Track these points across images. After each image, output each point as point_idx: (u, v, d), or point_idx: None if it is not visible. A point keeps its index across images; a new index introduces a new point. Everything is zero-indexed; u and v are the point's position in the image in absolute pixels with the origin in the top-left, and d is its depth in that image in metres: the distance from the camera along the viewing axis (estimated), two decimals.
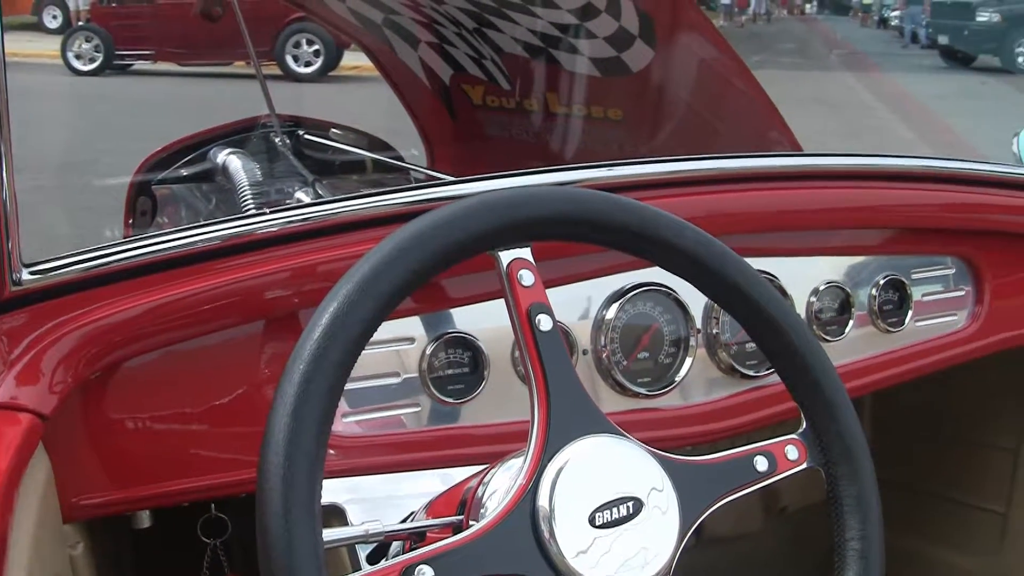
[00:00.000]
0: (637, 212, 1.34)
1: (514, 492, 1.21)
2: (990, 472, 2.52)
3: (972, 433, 2.55)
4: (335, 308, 1.16)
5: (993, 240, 2.20)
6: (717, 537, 2.56)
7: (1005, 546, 2.50)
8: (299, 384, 1.12)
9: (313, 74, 12.53)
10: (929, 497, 2.64)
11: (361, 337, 1.16)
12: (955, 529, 2.60)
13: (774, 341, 1.39)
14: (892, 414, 2.68)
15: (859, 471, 1.38)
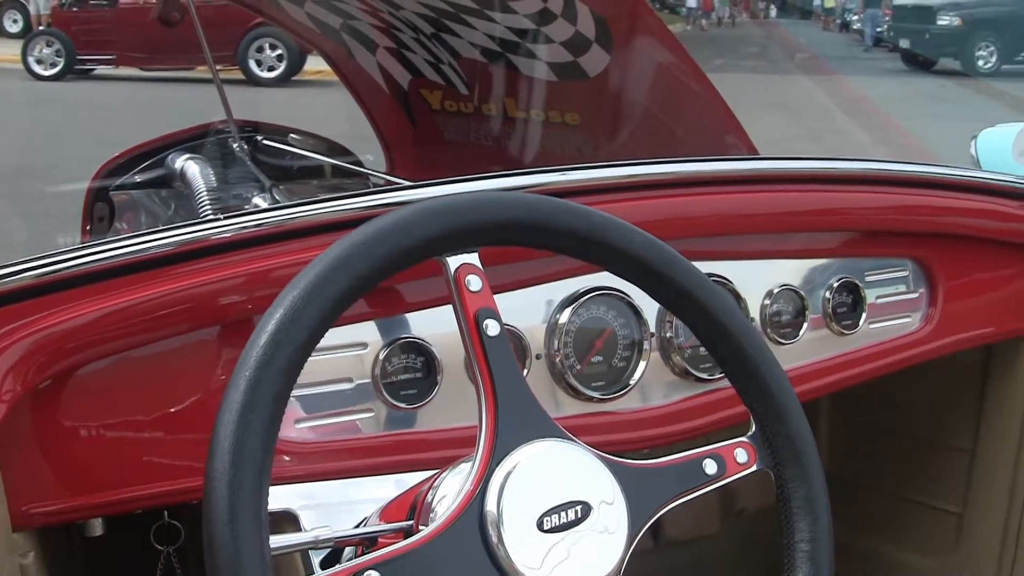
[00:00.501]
0: (585, 217, 1.35)
1: (462, 497, 1.21)
2: (946, 472, 2.54)
3: (928, 434, 2.56)
4: (281, 315, 1.16)
5: (947, 243, 2.22)
6: (674, 539, 2.58)
7: (961, 546, 2.52)
8: (245, 391, 1.11)
9: (276, 79, 12.53)
10: (886, 497, 2.66)
11: (307, 343, 1.16)
12: (912, 529, 2.62)
13: (723, 345, 1.40)
14: (849, 416, 2.70)
15: (808, 473, 1.38)
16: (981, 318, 2.28)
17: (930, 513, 2.57)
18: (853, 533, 2.72)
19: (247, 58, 12.35)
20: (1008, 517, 2.43)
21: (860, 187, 2.15)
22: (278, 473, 1.52)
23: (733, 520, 2.66)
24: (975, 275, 2.27)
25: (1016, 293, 2.32)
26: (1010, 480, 2.41)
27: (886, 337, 2.14)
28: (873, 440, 2.67)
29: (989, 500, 2.45)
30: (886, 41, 18.28)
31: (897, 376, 2.20)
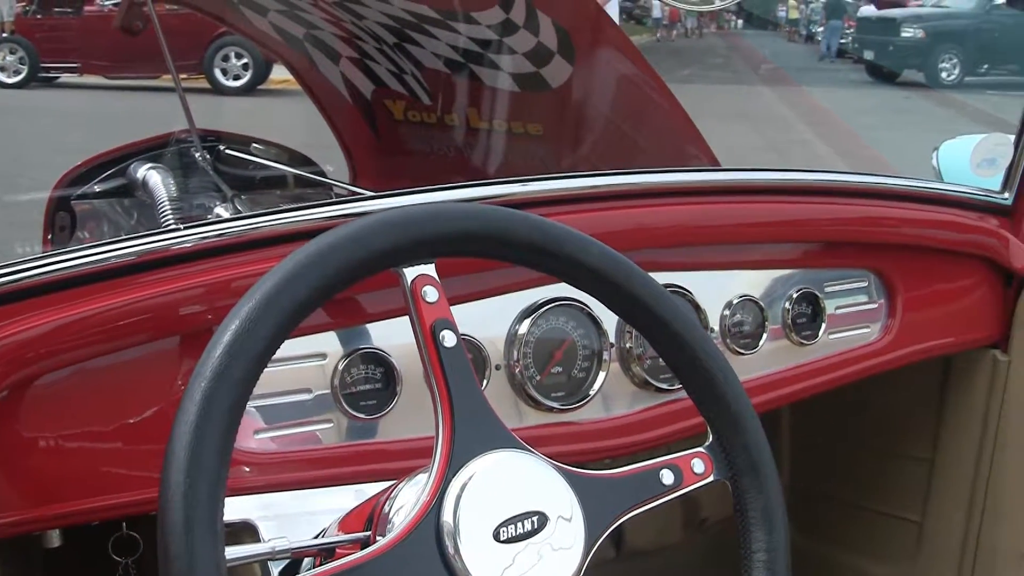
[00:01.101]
0: (541, 228, 1.35)
1: (418, 508, 1.22)
2: (906, 481, 2.55)
3: (888, 443, 2.58)
4: (237, 326, 1.16)
5: (906, 254, 2.24)
6: (637, 550, 2.58)
7: (921, 554, 2.54)
8: (200, 402, 1.11)
9: (242, 88, 12.49)
10: (846, 506, 2.68)
11: (264, 354, 1.16)
12: (872, 537, 2.63)
13: (679, 356, 1.41)
14: (810, 425, 2.71)
15: (765, 483, 1.39)
16: (940, 329, 2.30)
17: (890, 522, 2.59)
18: (814, 541, 2.73)
19: (213, 67, 12.32)
20: (967, 526, 2.45)
21: (820, 198, 2.16)
22: (237, 484, 1.53)
23: (695, 531, 2.67)
24: (934, 286, 2.29)
25: (975, 304, 2.34)
26: (969, 489, 2.43)
27: (845, 347, 2.16)
28: (834, 450, 2.68)
29: (948, 509, 2.47)
30: (849, 53, 18.37)
31: (857, 386, 2.22)
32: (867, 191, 2.23)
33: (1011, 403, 2.36)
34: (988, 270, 2.34)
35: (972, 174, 2.44)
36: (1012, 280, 2.35)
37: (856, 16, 19.10)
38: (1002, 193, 2.37)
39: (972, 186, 2.42)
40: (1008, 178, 2.37)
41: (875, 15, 18.50)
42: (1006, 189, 2.37)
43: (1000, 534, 2.41)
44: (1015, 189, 2.36)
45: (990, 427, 2.39)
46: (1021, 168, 2.35)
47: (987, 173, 2.39)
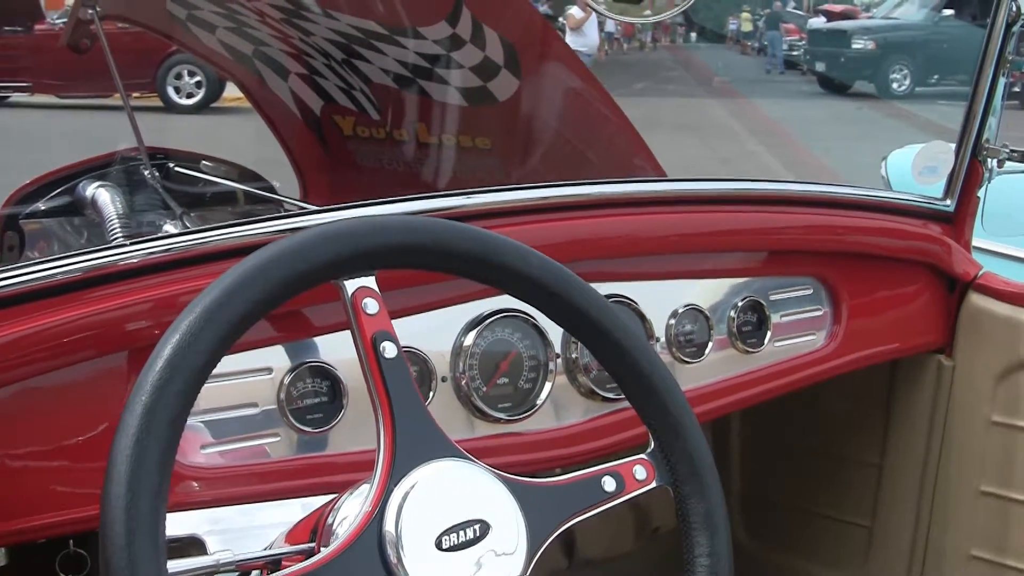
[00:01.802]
0: (480, 240, 1.36)
1: (361, 518, 1.22)
2: (856, 487, 2.58)
3: (837, 449, 2.61)
4: (177, 339, 1.16)
5: (850, 261, 2.26)
6: (590, 559, 2.59)
7: (870, 558, 2.57)
8: (141, 415, 1.12)
9: (195, 105, 12.43)
10: (797, 512, 2.70)
11: (204, 367, 1.17)
12: (823, 543, 2.66)
13: (620, 365, 1.42)
14: (759, 432, 2.74)
15: (706, 489, 1.40)
16: (885, 335, 2.33)
17: (840, 526, 2.61)
18: (765, 548, 2.75)
19: (165, 85, 12.25)
20: (915, 529, 2.47)
21: (764, 207, 2.18)
22: (185, 499, 1.53)
23: (647, 539, 2.69)
24: (878, 293, 2.31)
25: (920, 310, 2.37)
26: (916, 493, 2.46)
27: (791, 355, 2.18)
28: (784, 456, 2.71)
29: (897, 513, 2.50)
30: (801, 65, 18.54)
31: (806, 393, 2.24)
32: (811, 200, 2.26)
33: (956, 407, 2.39)
34: (931, 276, 2.37)
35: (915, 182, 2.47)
36: (955, 286, 2.38)
37: (805, 28, 19.25)
38: (944, 200, 2.40)
39: (915, 194, 2.45)
40: (949, 185, 2.40)
41: (826, 27, 18.67)
42: (948, 196, 2.40)
43: (948, 537, 2.43)
44: (956, 196, 2.40)
45: (936, 431, 2.42)
46: (962, 176, 2.38)
47: (929, 181, 2.41)
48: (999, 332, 2.31)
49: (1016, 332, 2.29)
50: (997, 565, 2.37)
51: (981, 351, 2.34)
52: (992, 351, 2.33)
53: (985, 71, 2.32)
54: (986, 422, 2.35)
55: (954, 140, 2.39)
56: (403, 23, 2.63)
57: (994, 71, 2.32)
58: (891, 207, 2.36)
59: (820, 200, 2.26)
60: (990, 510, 2.37)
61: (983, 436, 2.35)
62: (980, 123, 2.34)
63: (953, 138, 2.39)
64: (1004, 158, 2.38)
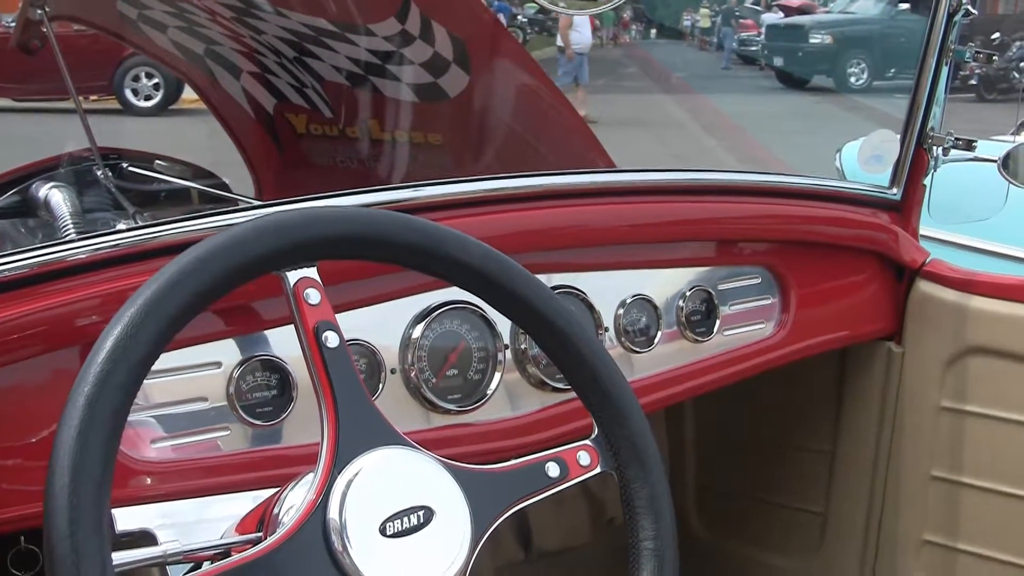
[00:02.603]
0: (420, 230, 1.37)
1: (305, 506, 1.23)
2: (808, 474, 2.60)
3: (789, 437, 2.63)
4: (118, 332, 1.17)
5: (798, 250, 2.28)
6: (545, 551, 2.61)
7: (824, 545, 2.59)
8: (83, 407, 1.12)
9: (154, 108, 12.40)
10: (751, 501, 2.72)
11: (146, 359, 1.17)
12: (777, 531, 2.68)
13: (563, 352, 1.44)
14: (713, 422, 2.76)
15: (649, 473, 1.42)
16: (835, 323, 2.35)
17: (794, 514, 2.63)
18: (720, 536, 2.78)
19: (123, 87, 12.22)
20: (868, 515, 2.50)
21: (713, 197, 2.20)
22: (136, 493, 1.53)
23: (604, 529, 2.70)
24: (827, 281, 2.34)
25: (869, 298, 2.40)
26: (869, 479, 2.48)
27: (741, 344, 2.19)
28: (737, 446, 2.73)
29: (849, 500, 2.52)
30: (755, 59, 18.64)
31: (758, 383, 2.26)
32: (759, 189, 2.28)
33: (906, 394, 2.42)
34: (880, 264, 2.39)
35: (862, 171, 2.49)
36: (903, 273, 2.40)
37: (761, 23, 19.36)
38: (891, 189, 2.43)
39: (863, 182, 2.47)
40: (896, 174, 2.42)
41: (783, 22, 18.80)
42: (894, 185, 2.43)
43: (900, 522, 2.46)
44: (903, 185, 2.42)
45: (887, 418, 2.45)
46: (908, 164, 2.41)
47: (875, 169, 2.44)
48: (947, 318, 2.34)
49: (964, 318, 2.31)
50: (949, 549, 2.40)
51: (930, 337, 2.37)
52: (940, 337, 2.35)
53: (928, 61, 2.34)
54: (936, 408, 2.37)
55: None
56: (353, 20, 2.64)
57: (937, 61, 2.34)
58: (839, 196, 2.38)
59: (768, 190, 2.28)
60: (941, 495, 2.39)
61: (933, 422, 2.38)
62: (924, 112, 2.37)
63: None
64: (949, 146, 2.40)
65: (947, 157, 2.42)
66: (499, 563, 2.55)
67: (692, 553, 2.79)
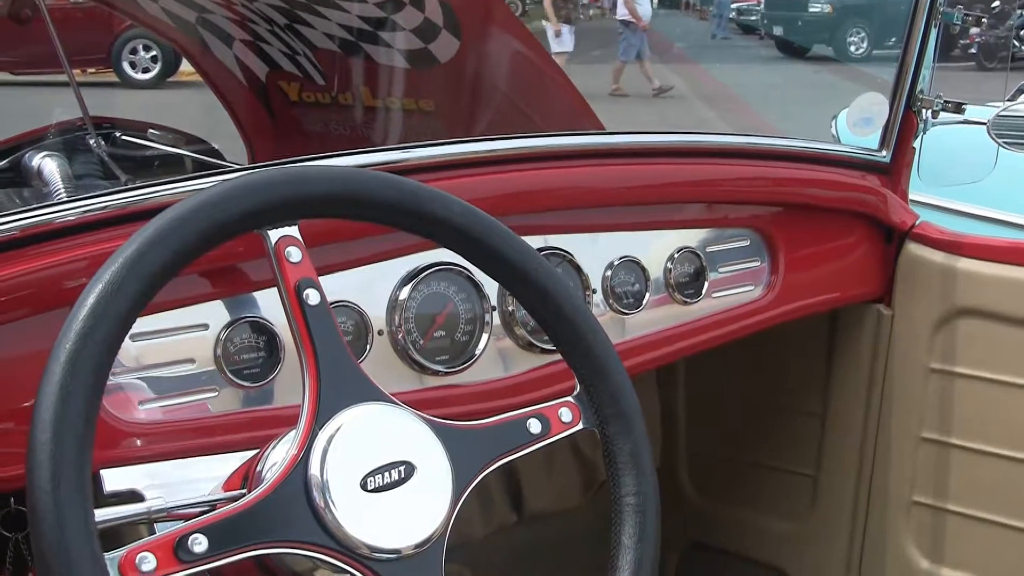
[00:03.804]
0: (401, 188, 1.38)
1: (287, 462, 1.24)
2: (800, 438, 2.62)
3: (780, 401, 2.64)
4: (100, 289, 1.17)
5: (787, 213, 2.29)
6: (537, 514, 2.62)
7: (817, 507, 2.61)
8: (65, 363, 1.13)
9: (151, 80, 12.36)
10: (743, 464, 2.73)
11: (127, 316, 1.18)
12: (769, 494, 2.69)
13: (543, 308, 1.44)
14: (704, 387, 2.77)
15: (631, 429, 1.42)
16: (824, 285, 2.36)
17: (785, 477, 2.65)
18: (712, 500, 2.79)
19: (121, 60, 12.19)
20: (859, 477, 2.51)
21: (701, 160, 2.20)
22: (124, 454, 1.54)
23: (594, 493, 2.72)
24: (816, 243, 2.34)
25: (857, 260, 2.40)
26: (859, 441, 2.50)
27: (729, 306, 2.20)
28: (728, 410, 2.74)
29: (841, 462, 2.54)
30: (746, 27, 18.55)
31: (748, 346, 2.27)
32: (748, 152, 2.28)
33: (895, 356, 2.43)
34: (869, 227, 2.40)
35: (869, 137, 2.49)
36: (892, 236, 2.41)
37: None
38: (880, 151, 2.43)
39: (852, 145, 2.48)
40: (885, 136, 2.43)
41: None
42: (883, 147, 2.43)
43: (890, 483, 2.47)
44: (892, 147, 2.43)
45: (876, 380, 2.46)
46: (896, 126, 2.41)
47: (864, 132, 2.44)
48: (936, 280, 2.35)
49: (952, 280, 2.32)
50: (938, 510, 2.41)
51: (919, 299, 2.38)
52: (929, 299, 2.36)
53: (917, 23, 2.35)
54: (925, 370, 2.38)
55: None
56: None
57: (926, 22, 2.34)
58: (828, 159, 2.39)
59: (757, 152, 2.29)
60: (930, 456, 2.41)
61: (922, 384, 2.39)
62: (914, 74, 2.37)
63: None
64: (938, 109, 2.41)
65: (936, 120, 2.43)
66: (491, 526, 2.56)
67: (684, 516, 2.81)
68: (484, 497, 2.54)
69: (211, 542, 1.15)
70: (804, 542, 2.64)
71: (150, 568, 1.12)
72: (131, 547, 1.12)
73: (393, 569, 1.25)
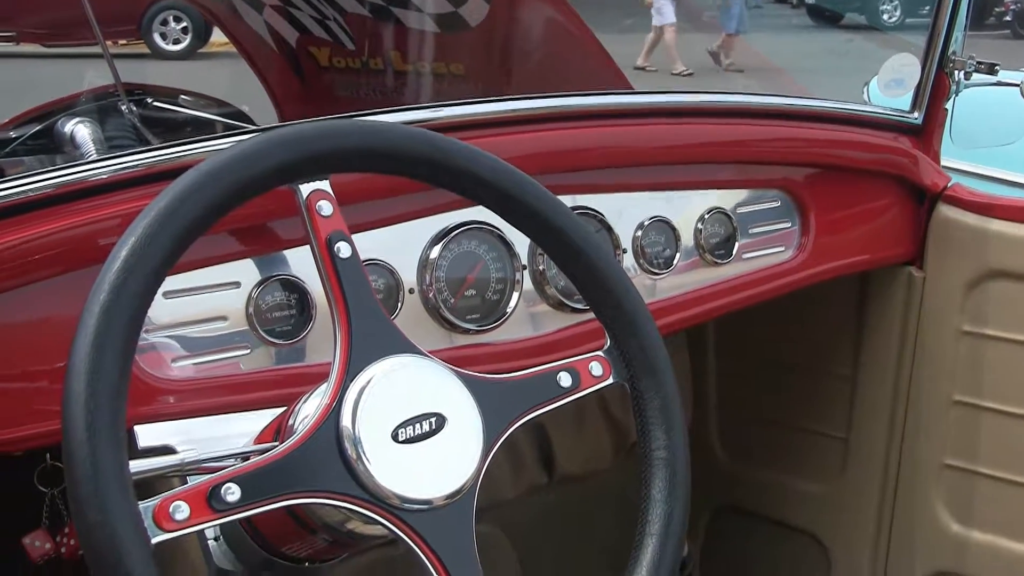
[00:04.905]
0: (432, 142, 1.38)
1: (318, 413, 1.25)
2: (830, 399, 2.61)
3: (811, 363, 2.64)
4: (133, 241, 1.18)
5: (819, 174, 2.28)
6: (568, 475, 2.63)
7: (846, 470, 2.61)
8: (99, 314, 1.14)
9: (182, 51, 12.36)
10: (773, 426, 2.73)
11: (160, 268, 1.19)
12: (799, 456, 2.69)
13: (575, 263, 1.44)
14: (735, 349, 2.77)
15: (662, 384, 1.42)
16: (855, 247, 2.35)
17: (816, 439, 2.65)
18: (742, 463, 2.79)
19: (151, 31, 12.19)
20: (889, 440, 2.51)
21: (733, 120, 2.20)
22: (157, 411, 1.55)
23: (625, 455, 2.72)
24: (848, 205, 2.34)
25: (889, 222, 2.39)
26: (890, 404, 2.49)
27: (760, 267, 2.19)
28: (759, 372, 2.74)
29: (871, 424, 2.54)
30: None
31: (778, 308, 2.26)
32: (780, 112, 2.27)
33: (927, 319, 2.42)
34: (900, 188, 2.39)
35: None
36: (924, 198, 2.40)
37: None
38: (912, 113, 2.42)
39: (884, 106, 2.46)
40: (917, 98, 2.41)
41: None
42: (915, 109, 2.42)
43: (921, 447, 2.47)
44: (924, 109, 2.41)
45: (908, 343, 2.45)
46: (928, 88, 2.39)
47: (895, 93, 2.43)
48: (968, 242, 2.34)
49: (984, 242, 2.31)
50: (969, 473, 2.41)
51: (951, 262, 2.37)
52: (961, 261, 2.35)
53: None
54: (956, 332, 2.38)
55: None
56: None
57: None
58: (860, 120, 2.38)
59: (789, 112, 2.28)
60: (962, 419, 2.40)
61: (954, 346, 2.38)
62: (946, 35, 2.36)
63: None
64: (971, 70, 2.39)
65: (969, 81, 2.41)
66: (522, 487, 2.57)
67: (714, 479, 2.81)
68: (515, 459, 2.55)
69: (244, 492, 1.16)
70: (834, 504, 2.64)
71: (183, 516, 1.13)
72: (165, 496, 1.13)
73: (424, 519, 1.25)
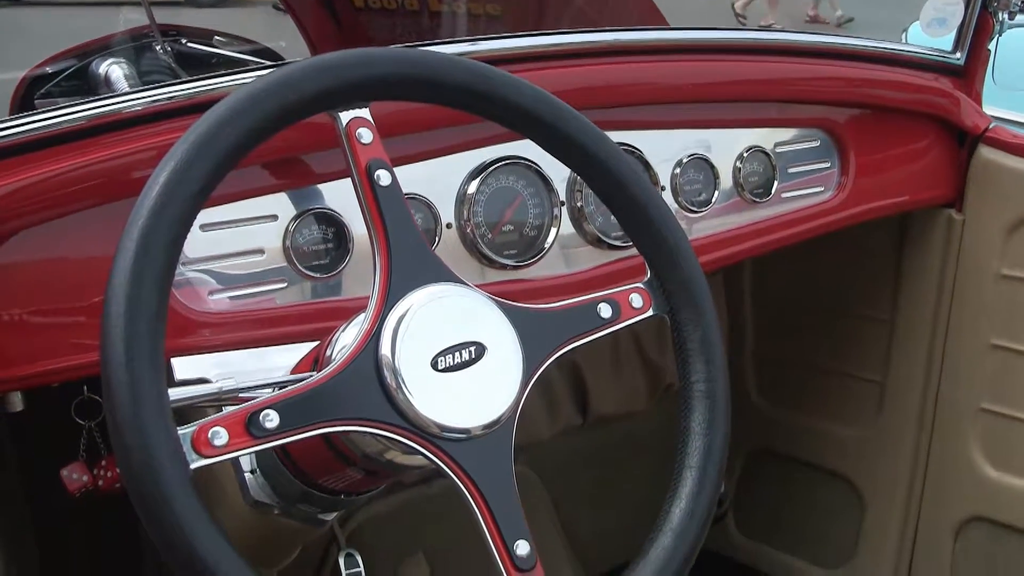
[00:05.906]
0: (473, 70, 1.37)
1: (357, 341, 1.24)
2: (866, 342, 2.60)
3: (848, 306, 2.63)
4: (172, 166, 1.17)
5: (858, 113, 2.26)
6: (603, 416, 2.62)
7: (883, 414, 2.60)
8: (138, 239, 1.13)
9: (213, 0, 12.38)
10: (809, 369, 2.73)
11: (199, 194, 1.18)
12: (835, 400, 2.69)
13: (616, 194, 1.43)
14: (771, 291, 2.75)
15: (702, 316, 1.41)
16: (894, 187, 2.33)
17: (852, 383, 2.64)
18: (778, 406, 2.79)
19: None
20: (926, 384, 2.50)
21: (773, 58, 2.17)
22: (194, 343, 1.55)
23: (661, 397, 2.72)
24: (887, 146, 2.31)
25: (929, 163, 2.37)
26: (927, 348, 2.48)
27: (798, 207, 2.18)
28: (796, 315, 2.73)
29: (908, 368, 2.53)
30: None
31: (816, 249, 2.25)
32: (820, 51, 2.24)
33: (965, 262, 2.40)
34: (941, 130, 2.37)
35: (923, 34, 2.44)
36: (965, 139, 2.38)
37: None
38: (954, 53, 2.39)
39: (925, 46, 2.43)
40: (959, 38, 2.38)
41: None
42: (957, 49, 2.39)
43: (958, 391, 2.46)
44: (967, 49, 2.38)
45: (946, 286, 2.43)
46: (972, 28, 2.36)
47: (937, 33, 2.39)
48: (1009, 185, 2.32)
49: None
50: (1006, 417, 2.40)
51: (990, 205, 2.35)
52: (1001, 204, 2.33)
53: None
54: (995, 276, 2.36)
55: None
56: None
57: None
58: (901, 59, 2.35)
59: (830, 51, 2.25)
60: (999, 363, 2.39)
61: (992, 290, 2.37)
62: None
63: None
64: (1015, 10, 2.36)
65: (1012, 22, 2.38)
66: (557, 427, 2.57)
67: (750, 421, 2.81)
68: (549, 399, 2.55)
69: (282, 418, 1.16)
70: (869, 448, 2.63)
71: (222, 442, 1.13)
72: (203, 422, 1.13)
73: (463, 448, 1.25)
